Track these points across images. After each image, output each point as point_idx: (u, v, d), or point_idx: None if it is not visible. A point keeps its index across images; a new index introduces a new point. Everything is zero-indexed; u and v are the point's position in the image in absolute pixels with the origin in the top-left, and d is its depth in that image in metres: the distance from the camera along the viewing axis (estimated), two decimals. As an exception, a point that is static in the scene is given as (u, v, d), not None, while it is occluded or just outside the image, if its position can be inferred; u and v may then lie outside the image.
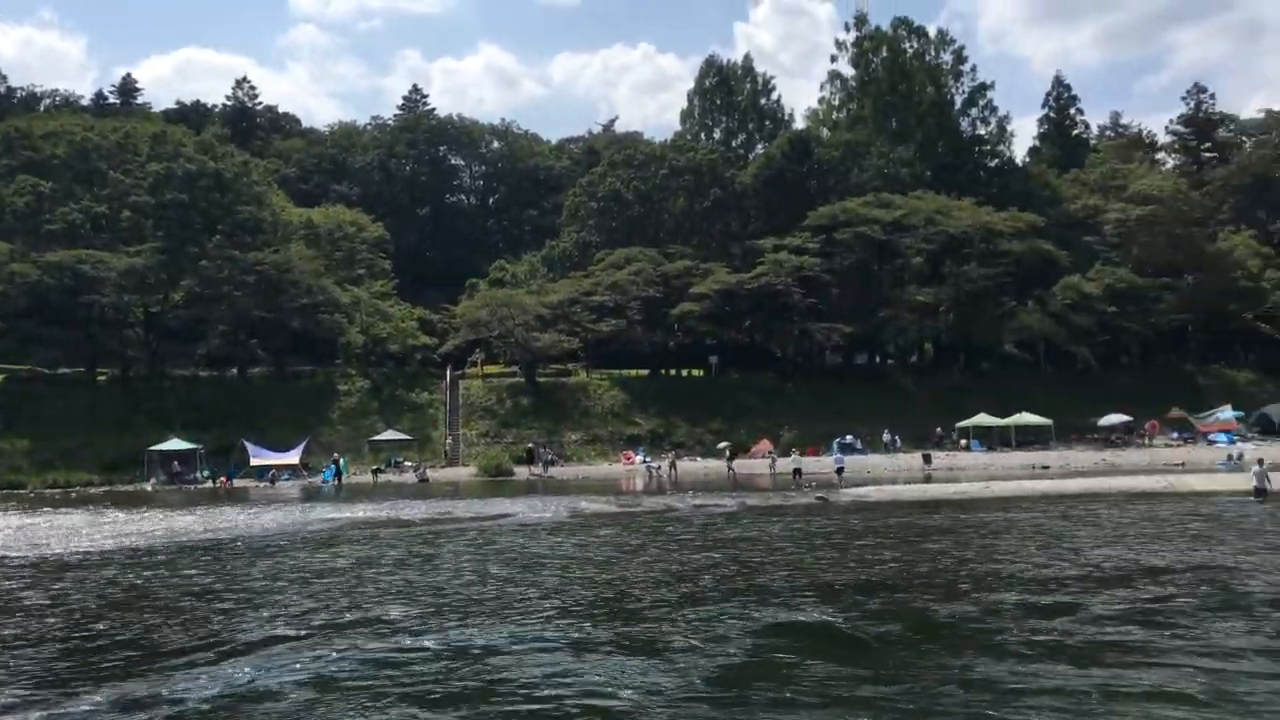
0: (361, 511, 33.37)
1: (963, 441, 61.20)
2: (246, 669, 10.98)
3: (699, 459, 58.15)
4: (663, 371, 73.65)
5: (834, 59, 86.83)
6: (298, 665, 11.14)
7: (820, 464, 50.71)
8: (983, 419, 61.61)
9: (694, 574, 18.13)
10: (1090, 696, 9.81)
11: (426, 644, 12.10)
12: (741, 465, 54.50)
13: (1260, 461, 36.85)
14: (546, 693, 9.93)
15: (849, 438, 60.44)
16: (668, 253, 71.03)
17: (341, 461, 53.65)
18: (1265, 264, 72.30)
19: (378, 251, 75.55)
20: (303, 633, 13.06)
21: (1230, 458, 52.17)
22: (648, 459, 56.10)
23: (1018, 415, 61.58)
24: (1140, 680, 10.43)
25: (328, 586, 17.27)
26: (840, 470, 46.20)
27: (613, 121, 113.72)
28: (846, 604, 14.89)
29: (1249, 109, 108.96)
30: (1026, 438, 61.86)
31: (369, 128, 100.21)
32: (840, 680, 10.41)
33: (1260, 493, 32.64)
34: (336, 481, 51.24)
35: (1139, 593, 15.59)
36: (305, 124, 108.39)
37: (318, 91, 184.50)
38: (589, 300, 67.11)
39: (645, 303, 67.76)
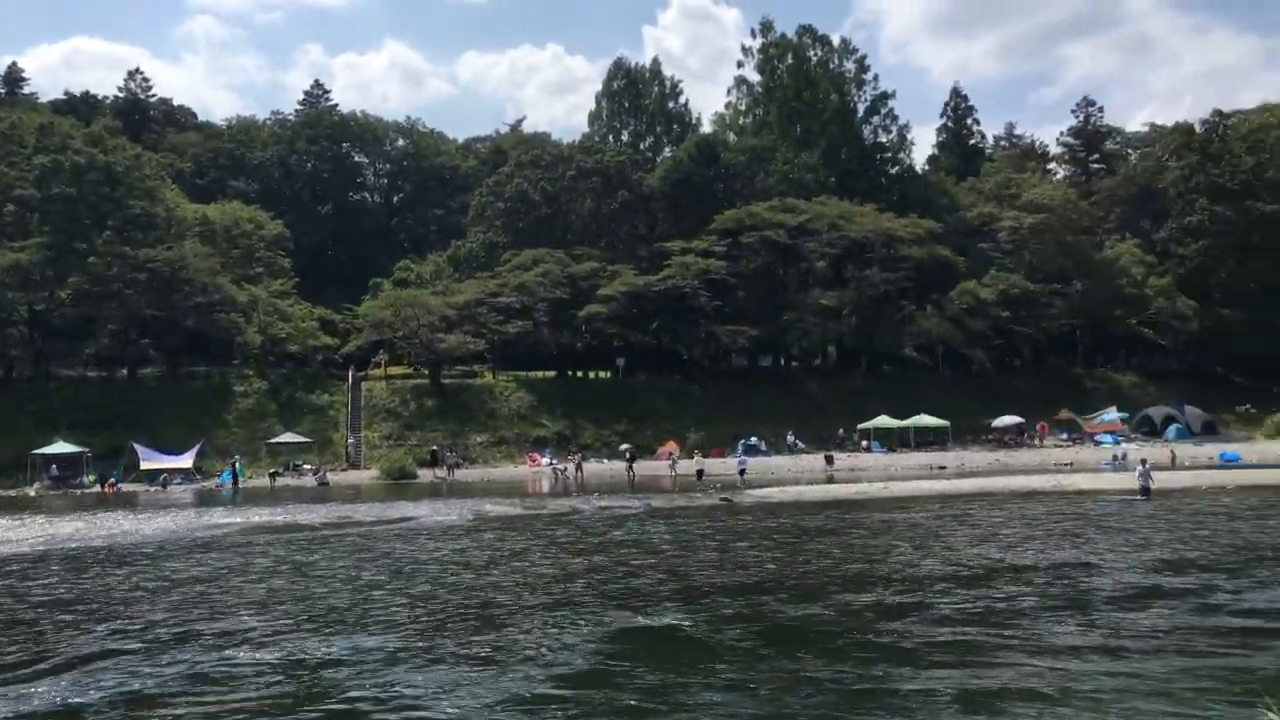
0: (257, 516, 32.62)
1: (864, 443, 62.29)
2: (63, 685, 10.60)
3: (605, 461, 58.13)
4: (570, 373, 73.50)
5: (740, 65, 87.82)
6: (118, 681, 10.81)
7: (726, 465, 51.11)
8: (883, 421, 62.81)
9: (568, 578, 18.15)
10: (933, 697, 10.00)
11: (265, 656, 11.85)
12: (646, 467, 54.67)
13: (1144, 461, 38.24)
14: (367, 707, 9.81)
15: (754, 439, 61.09)
16: (575, 254, 70.90)
17: (238, 465, 52.29)
18: (1148, 272, 75.00)
19: (277, 249, 73.84)
20: (139, 646, 12.67)
21: (1115, 458, 54.09)
22: (554, 461, 55.89)
23: (917, 417, 62.94)
24: (974, 681, 10.64)
25: (187, 596, 16.80)
26: (742, 471, 46.65)
27: (520, 121, 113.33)
28: (707, 607, 15.01)
29: (1135, 122, 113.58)
30: (925, 439, 63.27)
31: (269, 123, 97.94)
32: (675, 686, 10.46)
33: (1144, 491, 33.94)
34: (234, 485, 49.91)
35: (994, 592, 16.03)
36: (202, 118, 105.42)
37: (215, 84, 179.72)
38: (495, 301, 66.63)
39: (552, 304, 67.56)
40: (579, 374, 73.95)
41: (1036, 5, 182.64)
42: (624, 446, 58.09)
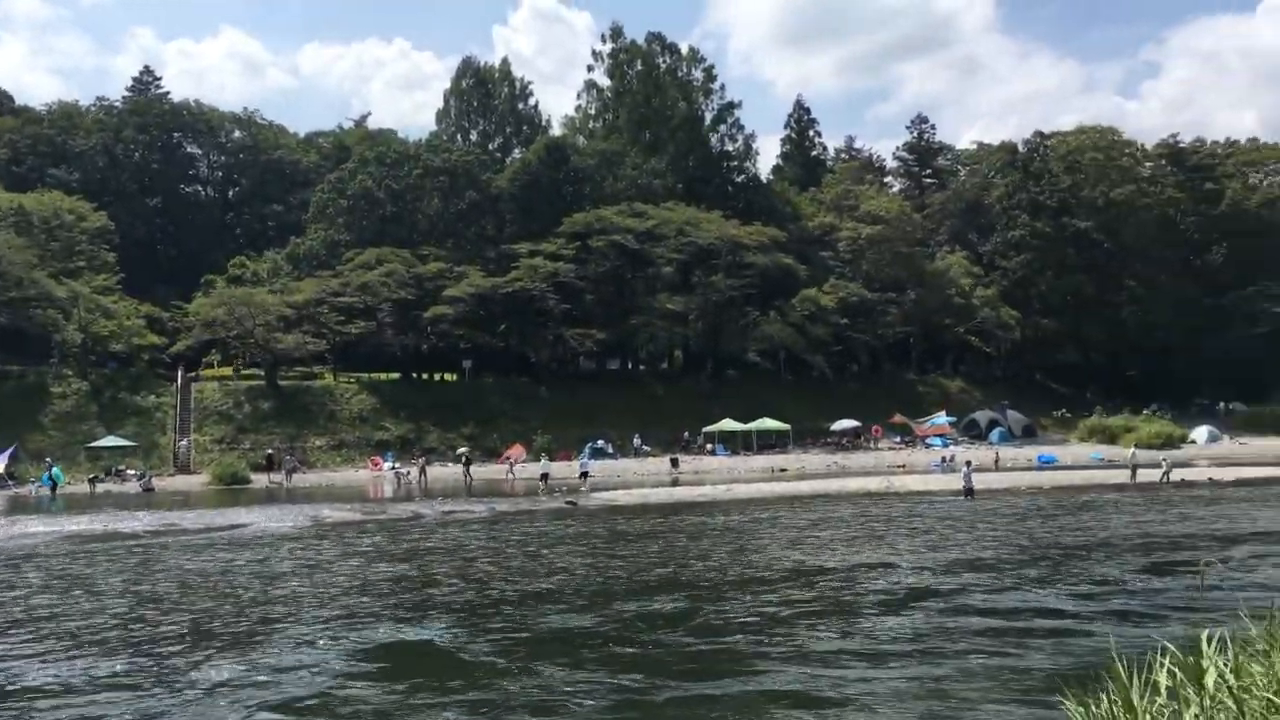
0: (74, 525, 30.67)
1: (709, 446, 63.30)
2: None
3: (451, 464, 57.23)
4: (415, 375, 72.10)
5: (590, 69, 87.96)
6: None
7: (573, 468, 51.16)
8: (727, 424, 63.97)
9: (361, 590, 17.83)
10: (676, 708, 10.17)
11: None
12: (493, 470, 54.08)
13: (968, 463, 40.23)
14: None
15: (600, 442, 61.32)
16: (421, 254, 69.56)
17: (55, 470, 49.06)
18: (975, 283, 78.93)
19: (100, 243, 69.69)
20: None
21: (943, 460, 56.66)
22: (396, 465, 54.69)
23: (759, 420, 64.36)
24: (721, 690, 10.82)
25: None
26: (584, 475, 46.75)
27: (365, 117, 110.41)
28: (483, 618, 14.94)
29: (965, 140, 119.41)
30: (767, 442, 64.78)
31: (93, 109, 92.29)
32: (398, 709, 10.31)
33: (968, 492, 35.73)
34: (52, 491, 46.79)
35: (779, 596, 16.54)
36: (20, 101, 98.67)
37: (36, 67, 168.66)
38: (337, 301, 64.71)
39: (397, 305, 66.12)
40: (424, 376, 72.63)
41: (874, 24, 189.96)
42: (460, 450, 57.41)
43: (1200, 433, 68.07)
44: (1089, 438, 67.67)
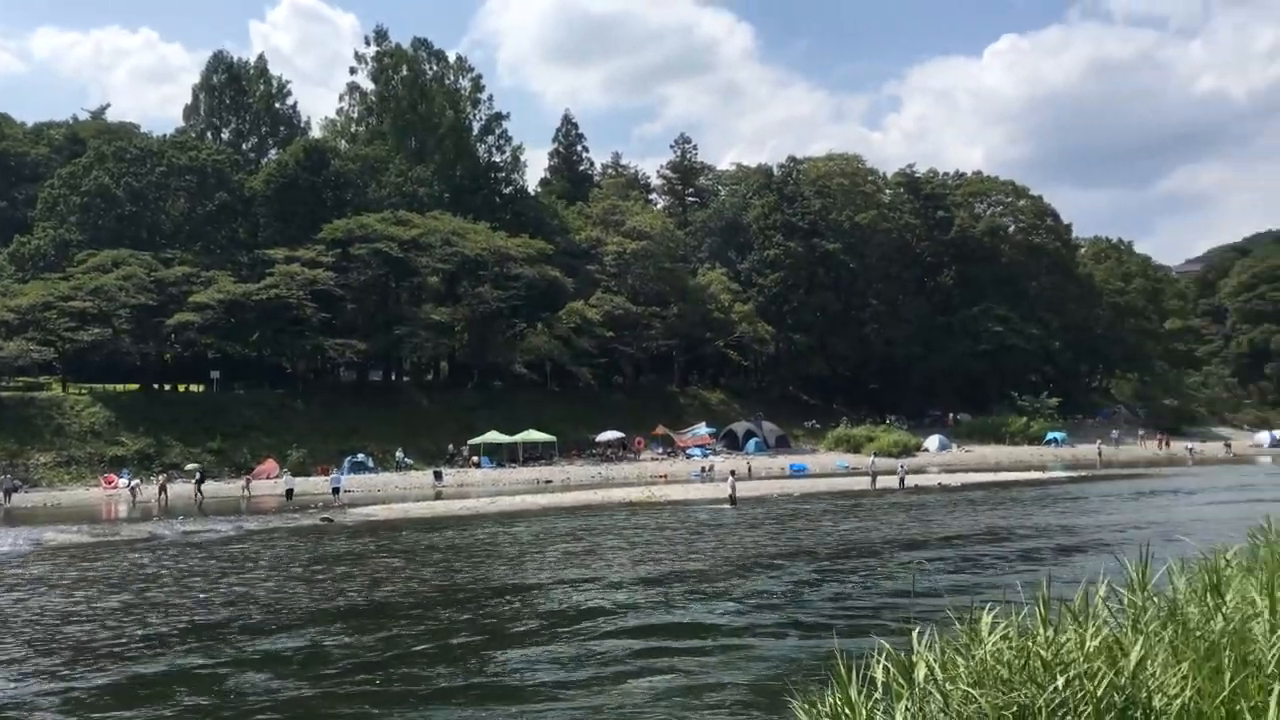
0: None
1: (475, 458, 62.59)
2: None
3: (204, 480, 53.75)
4: (156, 386, 67.25)
5: (354, 71, 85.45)
6: None
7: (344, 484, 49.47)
8: (493, 436, 63.49)
9: (33, 623, 16.77)
10: None
11: None
12: (221, 488, 51.24)
13: (733, 473, 41.79)
14: None
15: (361, 456, 59.45)
16: (165, 258, 65.18)
17: None
18: (734, 299, 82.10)
19: None
20: None
21: (703, 470, 58.56)
22: (134, 482, 50.86)
23: (526, 432, 64.27)
24: None
25: None
26: (336, 490, 45.44)
27: (104, 109, 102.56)
28: (175, 650, 14.57)
29: (725, 161, 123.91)
30: (533, 453, 64.82)
31: None
32: None
33: (732, 500, 37.10)
34: None
35: (449, 617, 16.83)
36: None
37: None
38: (67, 306, 59.47)
39: (136, 311, 61.52)
40: (167, 387, 67.94)
41: (640, 45, 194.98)
42: (191, 466, 54.22)
43: (932, 441, 73.70)
44: (836, 447, 71.81)
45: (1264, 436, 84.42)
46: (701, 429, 70.96)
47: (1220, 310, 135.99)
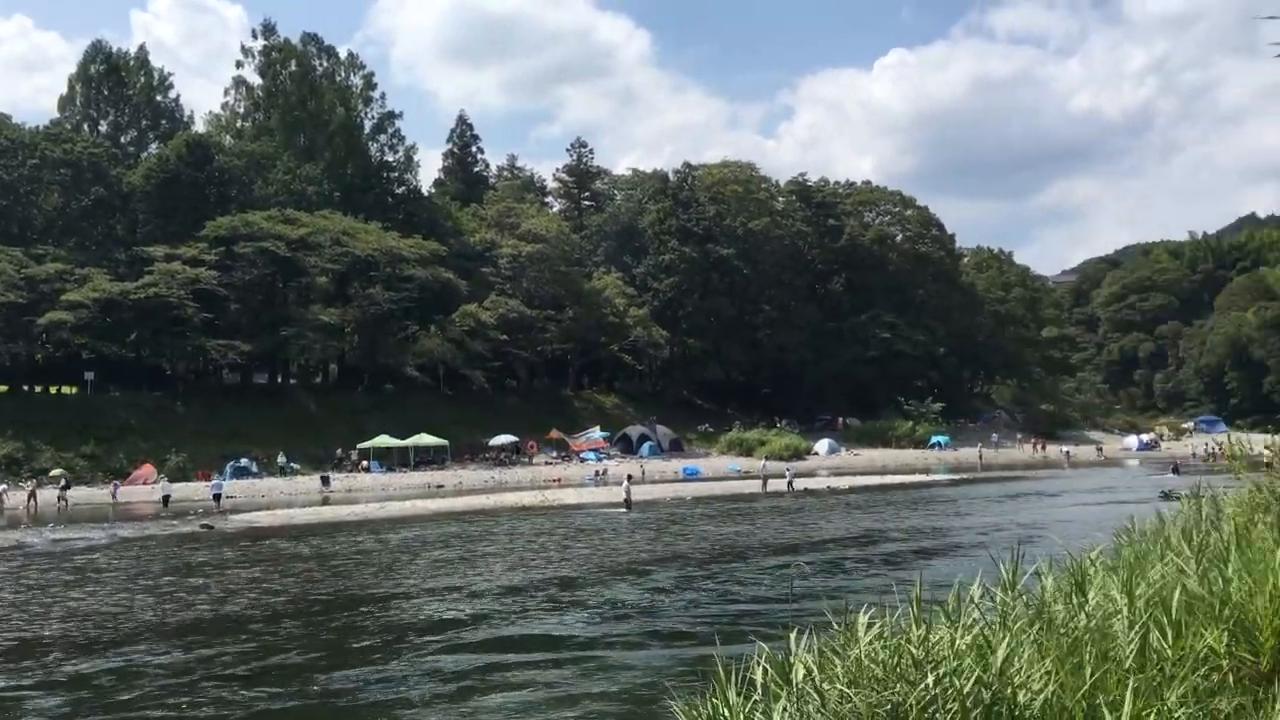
0: None
1: (364, 463, 61.43)
2: None
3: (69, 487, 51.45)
4: (27, 388, 64.22)
5: (240, 65, 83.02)
6: None
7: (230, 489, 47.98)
8: (384, 440, 62.45)
9: None
10: None
11: None
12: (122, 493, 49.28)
13: (630, 477, 41.92)
14: None
15: (244, 460, 57.79)
16: (36, 254, 62.29)
17: None
18: (629, 303, 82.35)
19: None
20: None
21: (597, 473, 58.61)
22: (2, 488, 48.46)
23: (417, 436, 63.37)
24: None
25: None
26: (218, 496, 44.11)
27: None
28: None
29: (622, 165, 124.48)
30: (425, 458, 63.98)
31: None
32: None
33: (627, 504, 37.24)
34: None
35: (307, 632, 16.47)
36: None
37: None
38: (-74, 303, 56.41)
39: (5, 309, 58.60)
40: (38, 389, 64.91)
41: (537, 47, 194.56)
42: (56, 471, 52.00)
43: (822, 445, 75.18)
44: (729, 451, 72.67)
45: (1132, 440, 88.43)
46: (596, 433, 71.00)
47: (1093, 319, 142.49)
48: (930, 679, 4.44)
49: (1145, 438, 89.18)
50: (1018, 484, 50.55)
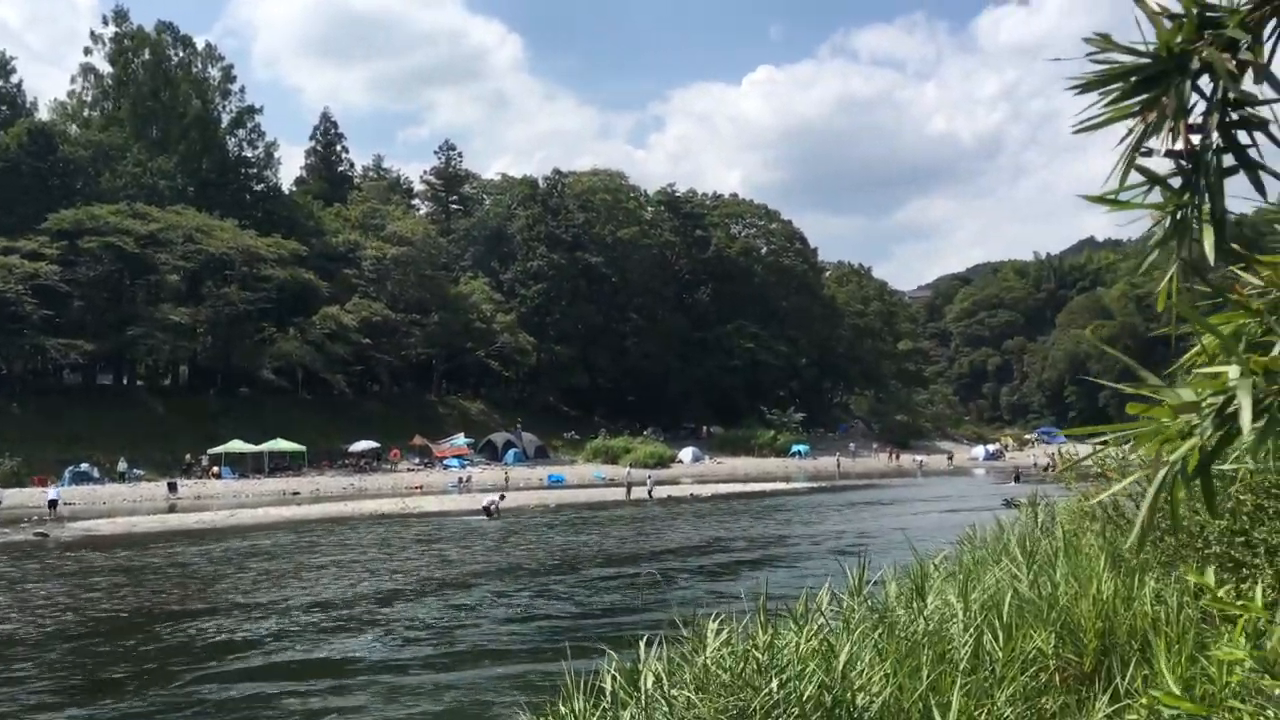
0: None
1: (215, 469, 59.15)
2: None
3: None
4: None
5: (89, 51, 78.96)
6: None
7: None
8: (237, 445, 60.32)
9: None
10: None
11: None
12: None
13: (502, 496, 41.50)
14: None
15: (85, 465, 54.92)
16: None
17: None
18: (496, 309, 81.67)
19: None
20: None
21: (461, 480, 57.87)
22: None
23: (272, 441, 61.41)
24: None
25: None
26: (54, 503, 41.84)
27: None
28: None
29: (492, 170, 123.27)
30: (281, 464, 62.03)
31: None
32: None
33: (488, 512, 36.90)
34: None
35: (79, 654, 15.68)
36: None
37: None
38: None
39: None
40: None
41: (406, 48, 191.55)
42: None
43: (687, 453, 76.06)
44: (594, 458, 72.73)
45: (979, 450, 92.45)
46: (460, 439, 70.10)
47: (945, 334, 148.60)
48: (775, 684, 4.53)
49: (991, 448, 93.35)
50: (873, 492, 52.20)
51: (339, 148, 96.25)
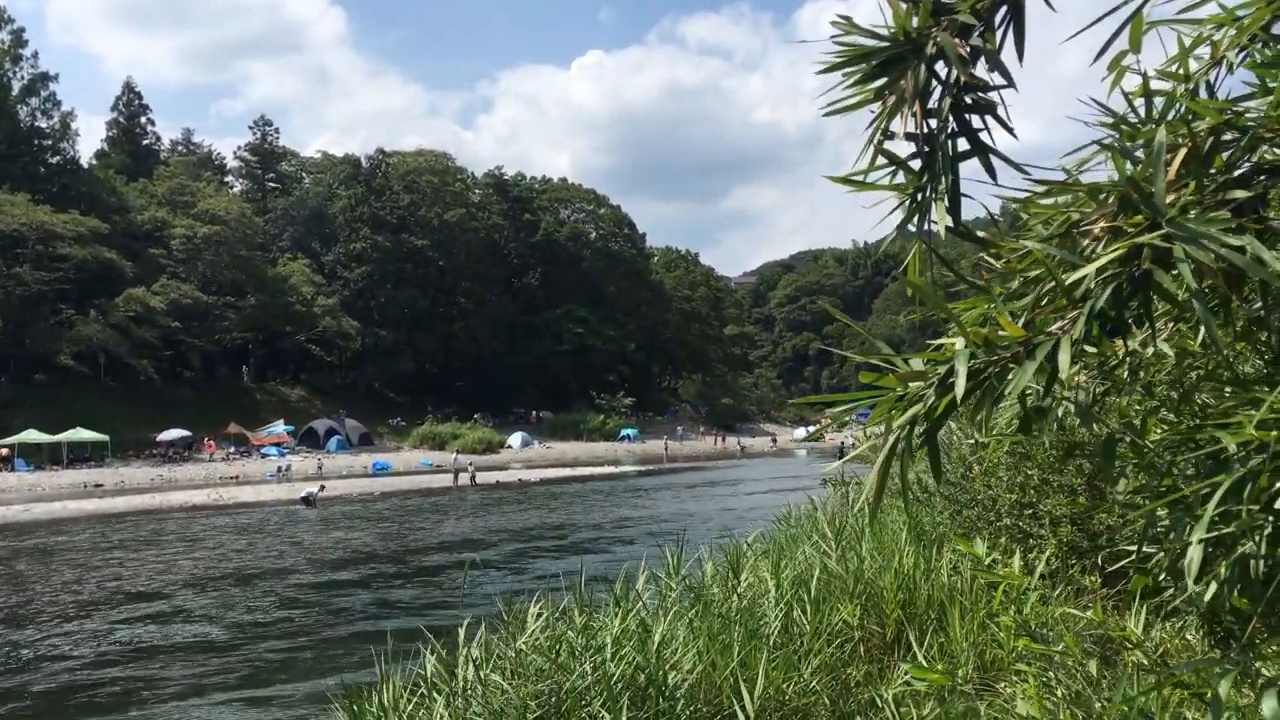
0: None
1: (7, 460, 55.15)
2: None
3: None
4: None
5: None
6: None
7: None
8: (31, 435, 56.37)
9: None
10: None
11: None
12: None
13: (322, 487, 40.22)
14: None
15: None
16: None
17: None
18: (317, 291, 78.96)
19: None
20: None
21: (280, 470, 55.94)
22: None
23: (72, 431, 57.70)
24: None
25: None
26: None
27: None
28: None
29: (312, 148, 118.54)
30: (82, 455, 58.43)
31: None
32: None
33: (307, 501, 35.75)
34: None
35: None
36: None
37: None
38: None
39: None
40: None
41: (219, 17, 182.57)
42: None
43: (515, 438, 75.74)
44: (421, 444, 71.54)
45: (801, 432, 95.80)
46: (279, 427, 67.62)
47: (769, 319, 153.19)
48: (587, 665, 4.57)
49: (812, 429, 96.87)
50: (698, 474, 53.34)
51: (144, 119, 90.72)
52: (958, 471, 7.57)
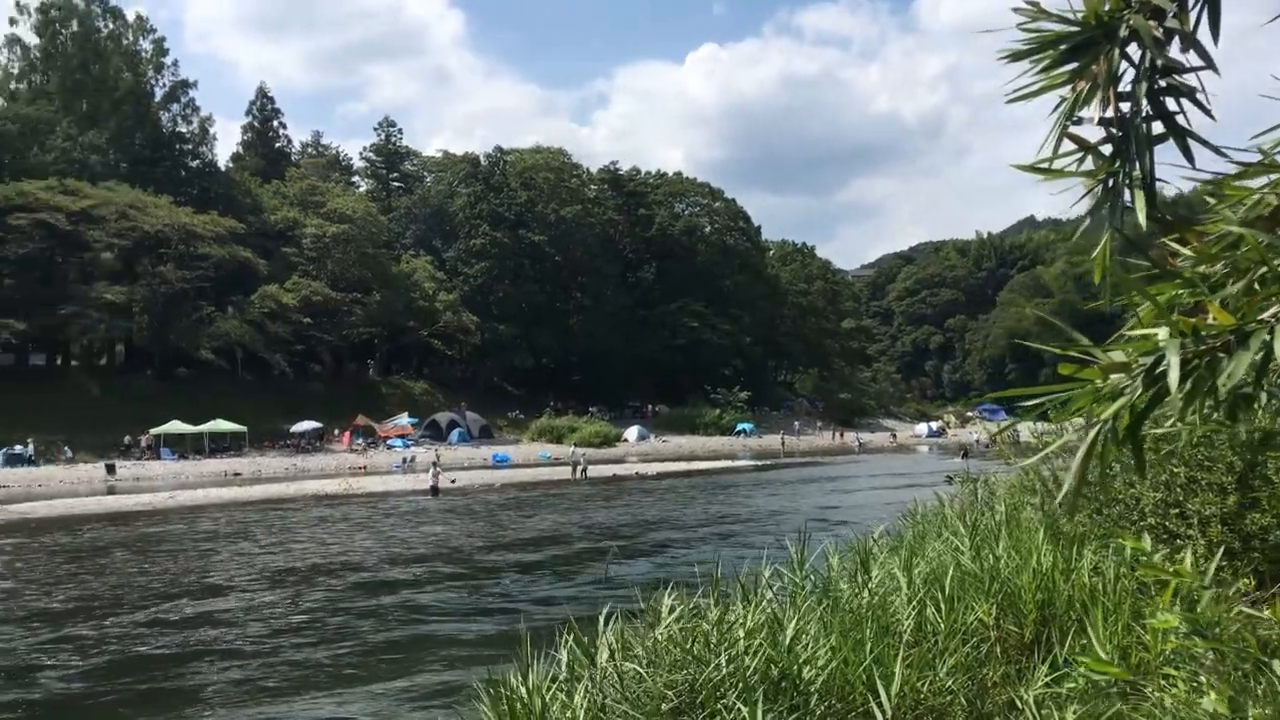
0: None
1: (149, 449, 58.18)
2: None
3: None
4: None
5: (14, 22, 76.43)
6: None
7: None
8: (176, 426, 59.36)
9: None
10: None
11: None
12: None
13: (435, 464, 41.37)
14: None
15: (19, 448, 53.63)
16: None
17: None
18: (439, 287, 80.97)
19: None
20: None
21: (404, 461, 57.49)
22: None
23: (212, 422, 60.54)
24: None
25: None
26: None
27: None
28: None
29: (432, 147, 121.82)
30: (221, 445, 61.21)
31: None
32: None
33: (434, 491, 36.81)
34: None
35: None
36: None
37: None
38: None
39: None
40: None
41: (344, 22, 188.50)
42: None
43: (632, 432, 76.20)
44: (539, 438, 72.64)
45: (922, 428, 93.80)
46: (403, 419, 69.54)
47: (888, 312, 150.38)
48: (723, 658, 4.58)
49: (934, 425, 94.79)
50: (817, 469, 52.76)
51: (276, 123, 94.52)
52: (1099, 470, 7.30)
